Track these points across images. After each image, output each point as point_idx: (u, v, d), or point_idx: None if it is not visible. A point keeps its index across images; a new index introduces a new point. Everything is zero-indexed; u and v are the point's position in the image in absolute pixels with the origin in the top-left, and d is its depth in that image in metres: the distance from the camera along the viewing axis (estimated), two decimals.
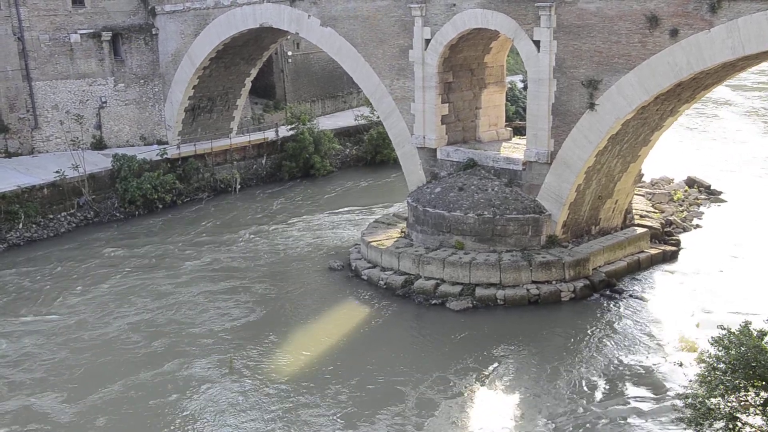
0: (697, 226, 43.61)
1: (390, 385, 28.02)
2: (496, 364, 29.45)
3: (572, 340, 31.21)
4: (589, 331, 31.85)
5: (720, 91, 71.59)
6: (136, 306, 35.44)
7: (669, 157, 55.16)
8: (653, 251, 38.75)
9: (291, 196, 53.21)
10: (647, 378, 28.09)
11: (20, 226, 44.69)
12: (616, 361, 29.39)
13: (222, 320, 33.75)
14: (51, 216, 46.43)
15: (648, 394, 27.08)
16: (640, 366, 28.96)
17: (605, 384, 27.77)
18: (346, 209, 49.45)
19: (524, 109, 43.70)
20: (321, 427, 25.65)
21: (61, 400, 27.63)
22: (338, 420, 26.00)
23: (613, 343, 30.93)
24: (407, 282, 35.99)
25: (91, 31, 52.95)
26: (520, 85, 68.15)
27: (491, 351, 30.38)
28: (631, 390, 27.36)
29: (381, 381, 28.39)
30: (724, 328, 20.68)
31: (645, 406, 26.33)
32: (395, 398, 27.16)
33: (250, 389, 28.08)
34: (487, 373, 28.86)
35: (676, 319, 32.56)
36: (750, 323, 20.46)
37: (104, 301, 36.14)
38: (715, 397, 19.98)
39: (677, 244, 40.26)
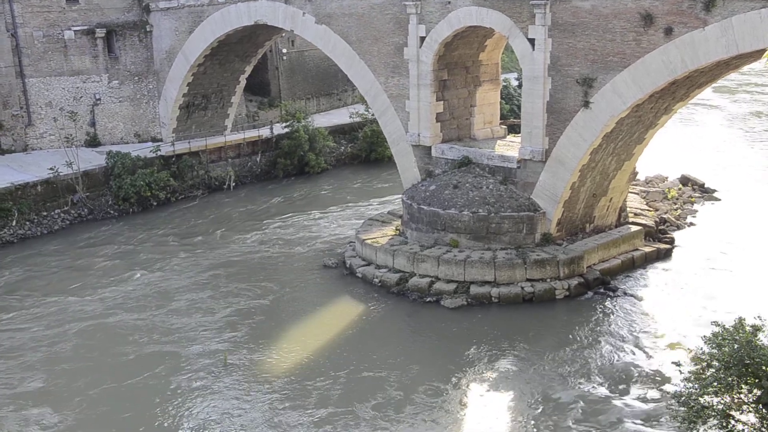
0: (691, 224, 43.73)
1: (383, 383, 28.02)
2: (490, 362, 29.48)
3: (566, 338, 31.25)
4: (583, 329, 31.90)
5: (705, 93, 71.74)
6: (129, 303, 35.35)
7: (663, 155, 55.25)
8: (647, 249, 38.82)
9: (286, 194, 53.14)
10: (641, 376, 28.16)
11: (14, 223, 44.53)
12: (609, 359, 29.45)
13: (215, 317, 33.71)
14: (45, 213, 46.26)
15: (641, 391, 27.14)
16: (633, 364, 29.02)
17: (599, 382, 27.82)
18: (340, 207, 49.43)
19: (519, 107, 43.73)
20: (313, 423, 25.63)
21: (50, 400, 27.47)
22: (330, 416, 25.98)
23: (607, 341, 30.99)
24: (402, 280, 35.99)
25: (85, 27, 52.73)
26: (515, 83, 68.14)
27: (485, 349, 30.41)
28: (625, 388, 27.41)
29: (374, 378, 28.39)
30: (718, 325, 20.73)
31: (638, 404, 26.40)
32: (388, 395, 27.16)
33: (244, 385, 28.06)
34: (481, 371, 28.89)
35: (669, 316, 32.63)
36: (743, 319, 20.51)
37: (97, 298, 36.05)
38: (709, 395, 20.03)
39: (671, 242, 40.36)
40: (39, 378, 28.97)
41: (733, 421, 19.84)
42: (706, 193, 49.11)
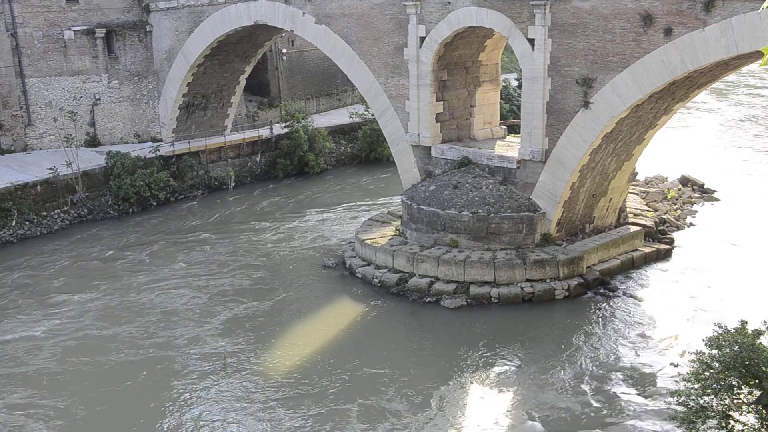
0: (691, 224, 43.74)
1: (382, 383, 28.02)
2: (489, 362, 29.48)
3: (566, 338, 31.25)
4: (582, 330, 31.90)
5: (702, 95, 71.89)
6: (128, 304, 35.34)
7: (663, 155, 55.26)
8: (647, 250, 38.83)
9: (285, 194, 53.15)
10: (640, 376, 28.16)
11: (13, 223, 44.52)
12: (609, 360, 29.45)
13: (215, 318, 33.68)
14: (44, 213, 46.25)
15: (641, 392, 27.14)
16: (633, 364, 29.02)
17: (598, 382, 27.83)
18: (340, 207, 49.43)
19: (519, 107, 43.76)
20: (312, 423, 25.63)
21: (45, 403, 27.39)
22: (329, 416, 25.97)
23: (606, 341, 31.00)
24: (401, 280, 35.99)
25: (85, 27, 52.74)
26: (515, 83, 68.18)
27: (485, 349, 30.40)
28: (624, 388, 27.42)
29: (373, 378, 28.40)
30: (720, 327, 20.73)
31: (638, 405, 26.39)
32: (387, 396, 27.16)
33: (243, 386, 28.05)
34: (480, 371, 28.88)
35: (669, 317, 32.64)
36: (746, 322, 20.53)
37: (96, 299, 36.02)
38: (708, 395, 20.06)
39: (671, 242, 40.38)
40: (34, 381, 28.85)
41: (732, 422, 19.86)
42: (705, 193, 49.11)
